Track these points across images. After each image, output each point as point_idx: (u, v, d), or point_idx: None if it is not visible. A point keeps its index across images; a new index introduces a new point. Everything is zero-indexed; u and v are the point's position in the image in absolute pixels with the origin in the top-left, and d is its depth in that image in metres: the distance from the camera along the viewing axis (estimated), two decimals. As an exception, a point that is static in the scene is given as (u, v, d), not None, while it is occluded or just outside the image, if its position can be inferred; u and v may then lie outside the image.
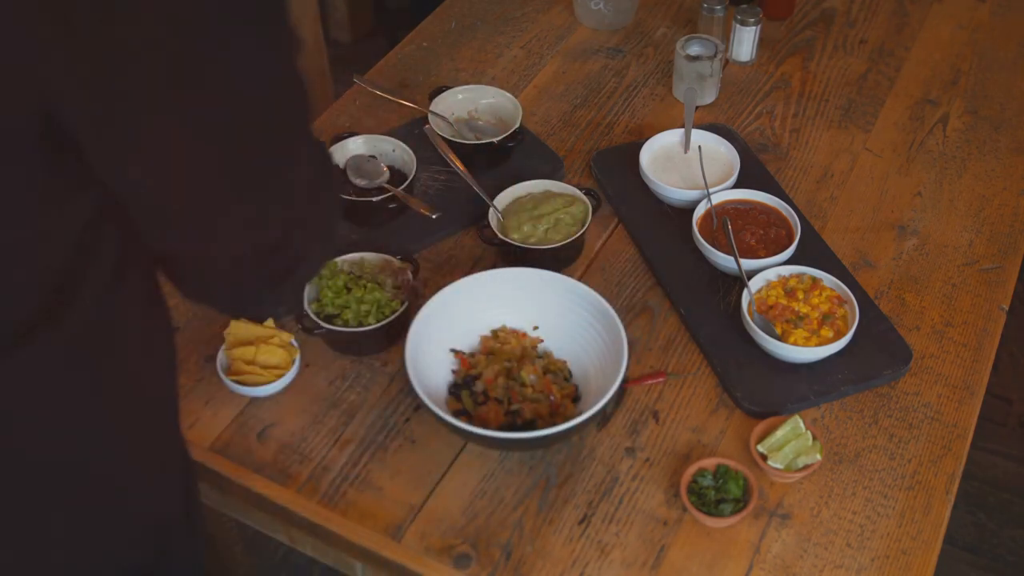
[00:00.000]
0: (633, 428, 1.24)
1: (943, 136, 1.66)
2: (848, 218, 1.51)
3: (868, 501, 1.18)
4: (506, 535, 1.14)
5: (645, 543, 1.14)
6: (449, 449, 1.22)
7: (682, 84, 1.69)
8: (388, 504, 1.17)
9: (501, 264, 1.41)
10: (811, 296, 1.31)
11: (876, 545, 1.14)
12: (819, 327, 1.28)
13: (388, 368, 1.31)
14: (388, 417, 1.26)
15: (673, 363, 1.31)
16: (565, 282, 1.28)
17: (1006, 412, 2.39)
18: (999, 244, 1.48)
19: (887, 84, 1.76)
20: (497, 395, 1.22)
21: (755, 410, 1.24)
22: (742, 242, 1.39)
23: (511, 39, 1.86)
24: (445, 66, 1.79)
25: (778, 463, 1.17)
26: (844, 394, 1.27)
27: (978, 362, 1.33)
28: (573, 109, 1.71)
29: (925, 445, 1.23)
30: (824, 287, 1.32)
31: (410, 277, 1.33)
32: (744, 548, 1.13)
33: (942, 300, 1.40)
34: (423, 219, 1.43)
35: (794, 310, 1.30)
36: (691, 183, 1.50)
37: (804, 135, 1.66)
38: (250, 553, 2.03)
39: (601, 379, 1.22)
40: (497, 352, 1.27)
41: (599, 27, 1.88)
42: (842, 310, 1.30)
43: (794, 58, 1.81)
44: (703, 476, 1.16)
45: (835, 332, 1.28)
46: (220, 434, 1.23)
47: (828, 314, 1.30)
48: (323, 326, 1.27)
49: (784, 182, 1.55)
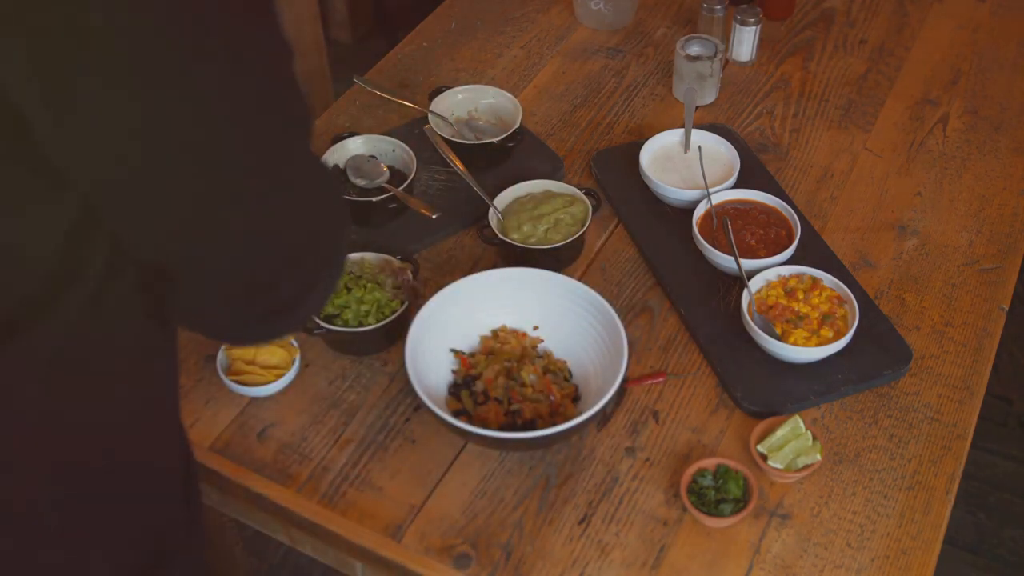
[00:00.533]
0: (633, 428, 1.24)
1: (943, 136, 1.66)
2: (848, 218, 1.51)
3: (868, 501, 1.18)
4: (506, 535, 1.14)
5: (645, 543, 1.14)
6: (449, 449, 1.22)
7: (682, 84, 1.69)
8: (388, 504, 1.17)
9: (501, 264, 1.41)
10: (811, 296, 1.31)
11: (876, 545, 1.14)
12: (819, 327, 1.28)
13: (388, 368, 1.31)
14: (388, 417, 1.26)
15: (673, 363, 1.31)
16: (565, 282, 1.28)
17: (1006, 412, 2.39)
18: (999, 244, 1.48)
19: (887, 84, 1.76)
20: (497, 395, 1.22)
21: (755, 410, 1.24)
22: (742, 242, 1.39)
23: (511, 39, 1.86)
24: (445, 66, 1.79)
25: (778, 463, 1.17)
26: (844, 394, 1.27)
27: (978, 362, 1.33)
28: (573, 109, 1.71)
29: (925, 445, 1.23)
30: (824, 287, 1.32)
31: (410, 277, 1.33)
32: (744, 548, 1.13)
33: (942, 300, 1.40)
34: (423, 219, 1.43)
35: (794, 310, 1.30)
36: (691, 183, 1.50)
37: (804, 135, 1.66)
38: (250, 553, 2.04)
39: (601, 379, 1.22)
40: (497, 352, 1.27)
41: (599, 27, 1.88)
42: (842, 310, 1.30)
43: (794, 58, 1.81)
44: (703, 476, 1.16)
45: (835, 332, 1.28)
46: (220, 434, 1.23)
47: (828, 314, 1.30)
48: (323, 326, 1.27)
49: (784, 182, 1.55)
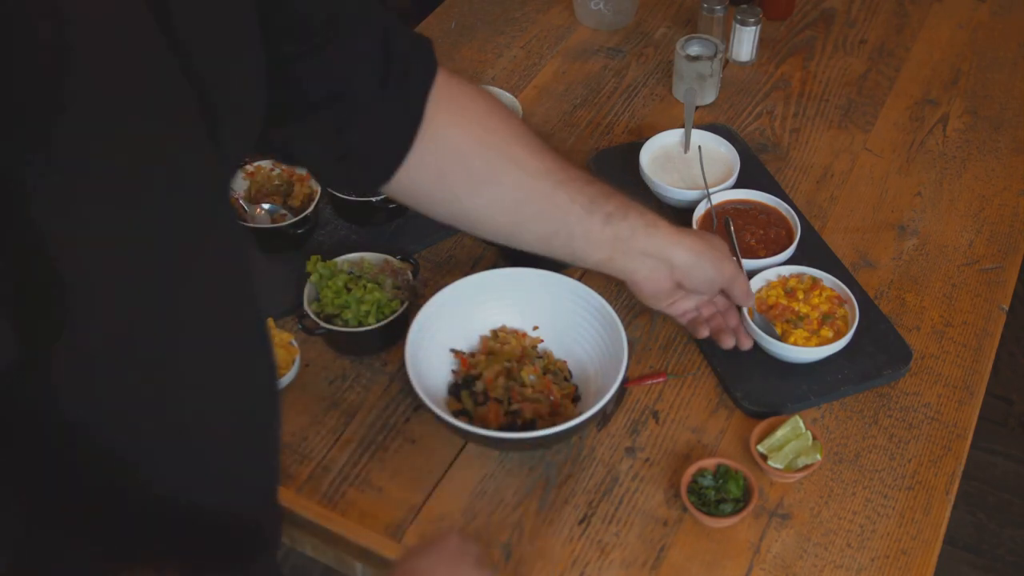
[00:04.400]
0: (633, 428, 1.24)
1: (943, 136, 1.66)
2: (848, 218, 1.51)
3: (868, 501, 1.18)
4: (506, 535, 1.14)
5: (645, 543, 1.14)
6: (449, 449, 1.22)
7: (682, 84, 1.69)
8: (388, 504, 1.17)
9: (501, 264, 1.41)
10: (811, 296, 1.31)
11: (876, 545, 1.14)
12: (819, 327, 1.28)
13: (388, 368, 1.31)
14: (388, 417, 1.26)
15: (673, 363, 1.31)
16: (565, 282, 1.28)
17: (1006, 412, 2.39)
18: (999, 244, 1.48)
19: (887, 84, 1.76)
20: (497, 395, 1.22)
21: (755, 410, 1.24)
22: (742, 242, 1.39)
23: (511, 39, 1.86)
24: (445, 66, 1.79)
25: (778, 463, 1.17)
26: (844, 394, 1.27)
27: (978, 362, 1.33)
28: (573, 109, 1.71)
29: (925, 445, 1.23)
30: (824, 287, 1.32)
31: (410, 277, 1.33)
32: (744, 548, 1.13)
33: (942, 300, 1.40)
34: (423, 219, 1.41)
35: (794, 310, 1.30)
36: (691, 183, 1.50)
37: (804, 135, 1.66)
38: (250, 553, 2.03)
39: (601, 379, 1.22)
40: (497, 352, 1.27)
41: (599, 27, 1.88)
42: (842, 310, 1.30)
43: (794, 58, 1.81)
44: (703, 476, 1.16)
45: (835, 332, 1.28)
46: (220, 434, 1.23)
47: (828, 314, 1.29)
48: (323, 326, 1.27)
49: (784, 182, 1.55)
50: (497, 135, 1.06)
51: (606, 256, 1.15)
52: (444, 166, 1.03)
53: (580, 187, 1.10)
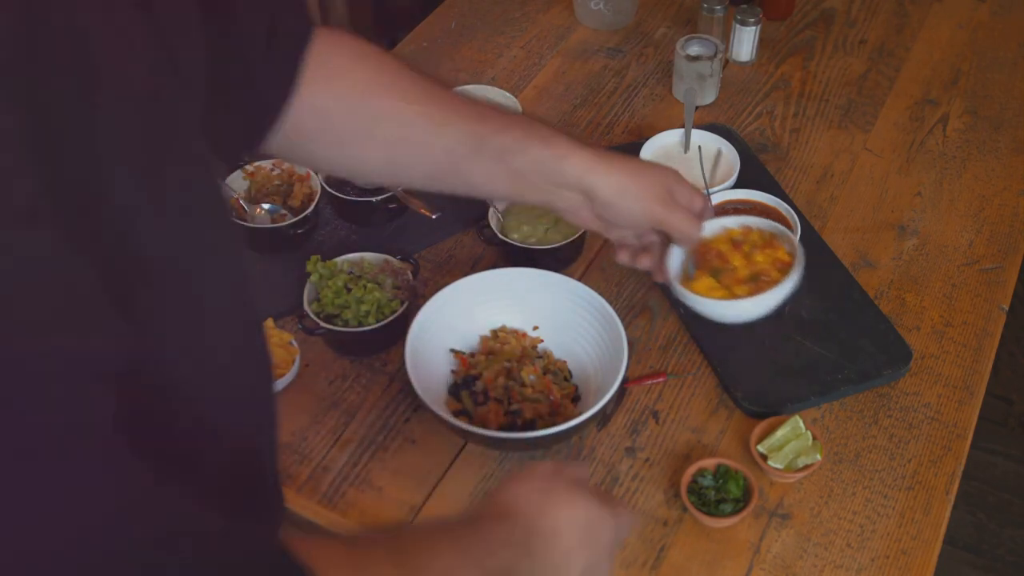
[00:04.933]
0: (633, 428, 1.24)
1: (943, 136, 1.66)
2: (848, 218, 1.51)
3: (868, 501, 1.18)
4: (506, 535, 1.14)
5: (645, 543, 1.14)
6: (449, 449, 1.22)
7: (682, 84, 1.69)
8: (388, 504, 1.17)
9: (501, 264, 1.41)
10: (756, 253, 1.18)
11: (876, 545, 1.14)
12: (738, 284, 1.15)
13: (388, 368, 1.31)
14: (388, 417, 1.26)
15: (673, 363, 1.31)
16: (565, 282, 1.28)
17: (1006, 412, 2.39)
18: (999, 244, 1.48)
19: (887, 84, 1.76)
20: (497, 395, 1.22)
21: (755, 410, 1.24)
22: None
23: (511, 39, 1.86)
24: (445, 66, 1.79)
25: (778, 463, 1.17)
26: (844, 394, 1.27)
27: (978, 362, 1.33)
28: (573, 109, 1.71)
29: (925, 445, 1.23)
30: (780, 249, 1.18)
31: (410, 277, 1.33)
32: (744, 548, 1.13)
33: (942, 300, 1.40)
34: (423, 219, 1.43)
35: (726, 259, 1.17)
36: (691, 183, 1.49)
37: (804, 135, 1.66)
38: (250, 553, 2.04)
39: (601, 379, 1.22)
40: (497, 352, 1.27)
41: (599, 27, 1.88)
42: (777, 275, 1.15)
43: (794, 58, 1.81)
44: (703, 476, 1.16)
45: (750, 293, 1.13)
46: (220, 434, 1.23)
47: (759, 274, 1.15)
48: (323, 326, 1.27)
49: (784, 182, 1.55)
50: (369, 89, 1.01)
51: (514, 191, 1.07)
52: (313, 126, 0.98)
53: (466, 126, 1.03)
